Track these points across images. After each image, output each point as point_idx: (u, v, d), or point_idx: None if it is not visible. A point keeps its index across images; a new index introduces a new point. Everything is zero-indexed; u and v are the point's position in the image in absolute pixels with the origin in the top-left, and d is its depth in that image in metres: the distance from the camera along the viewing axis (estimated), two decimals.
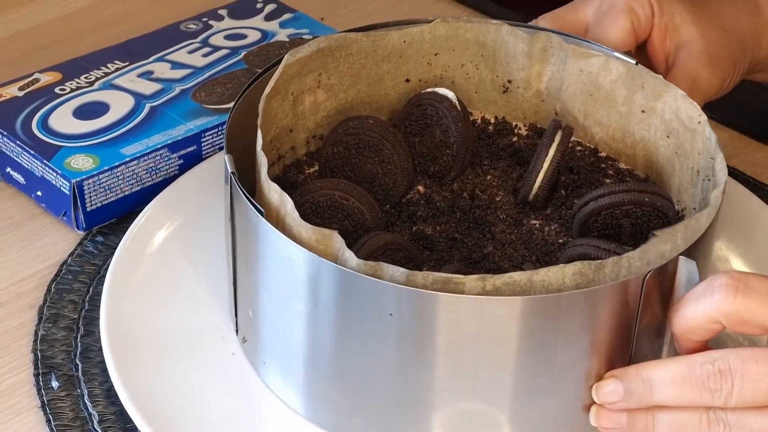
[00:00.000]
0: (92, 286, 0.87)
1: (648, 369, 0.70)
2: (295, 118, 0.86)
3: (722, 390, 0.67)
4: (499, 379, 0.71)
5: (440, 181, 0.86)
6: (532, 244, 0.81)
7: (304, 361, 0.74)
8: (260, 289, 0.75)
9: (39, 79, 1.00)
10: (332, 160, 0.84)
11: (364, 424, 0.74)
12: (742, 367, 0.67)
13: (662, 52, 0.92)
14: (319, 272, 0.70)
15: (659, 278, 0.70)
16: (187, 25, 1.08)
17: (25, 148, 0.92)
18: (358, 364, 0.72)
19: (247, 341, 0.79)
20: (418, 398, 0.72)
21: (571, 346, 0.70)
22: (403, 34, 0.88)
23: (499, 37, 0.89)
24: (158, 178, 0.94)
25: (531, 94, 0.90)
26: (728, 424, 0.68)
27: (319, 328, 0.72)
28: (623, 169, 0.88)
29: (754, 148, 1.03)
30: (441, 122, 0.85)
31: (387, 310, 0.69)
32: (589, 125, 0.89)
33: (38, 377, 0.80)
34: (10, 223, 0.93)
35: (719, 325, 0.69)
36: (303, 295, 0.71)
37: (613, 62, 0.85)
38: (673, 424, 0.70)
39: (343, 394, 0.74)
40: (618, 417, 0.71)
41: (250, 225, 0.73)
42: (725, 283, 0.68)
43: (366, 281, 0.68)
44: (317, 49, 0.84)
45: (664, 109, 0.83)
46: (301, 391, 0.76)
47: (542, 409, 0.72)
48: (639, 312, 0.70)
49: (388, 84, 0.89)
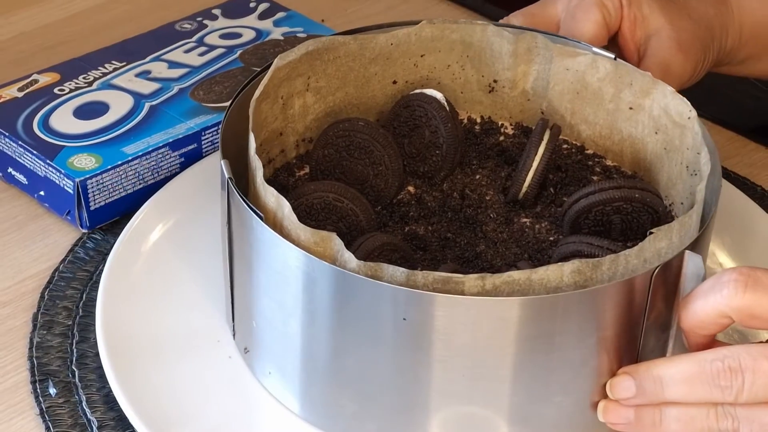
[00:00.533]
0: (85, 293, 0.86)
1: (658, 367, 0.69)
2: (285, 121, 0.85)
3: (733, 387, 0.67)
4: (501, 381, 0.69)
5: (430, 181, 0.85)
6: (523, 242, 0.80)
7: (306, 365, 0.73)
8: (262, 296, 0.73)
9: (38, 79, 0.99)
10: (323, 163, 0.83)
11: (368, 429, 0.73)
12: (753, 364, 0.66)
13: (633, 42, 0.91)
14: (321, 275, 0.69)
15: (666, 273, 0.69)
16: (182, 24, 1.07)
17: (27, 149, 0.91)
18: (361, 366, 0.71)
19: (249, 351, 0.77)
20: (419, 398, 0.70)
21: (579, 343, 0.69)
22: (390, 36, 0.87)
23: (485, 37, 0.88)
24: (160, 176, 0.93)
25: (517, 93, 0.89)
26: (736, 418, 0.67)
27: (321, 332, 0.71)
28: (610, 166, 0.87)
29: (751, 149, 1.02)
30: (430, 123, 0.84)
31: (388, 311, 0.68)
32: (576, 123, 0.88)
33: (35, 384, 0.79)
34: (12, 223, 0.93)
35: (728, 319, 0.68)
36: (304, 299, 0.70)
37: (601, 60, 0.84)
38: (681, 418, 0.69)
39: (348, 398, 0.72)
40: (626, 412, 0.70)
41: (249, 230, 0.72)
42: (734, 279, 0.67)
43: (366, 283, 0.67)
44: (306, 52, 0.83)
45: (653, 106, 0.82)
46: (306, 397, 0.75)
47: (549, 408, 0.71)
48: (647, 308, 0.69)
49: (375, 86, 0.88)
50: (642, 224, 0.77)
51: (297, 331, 0.72)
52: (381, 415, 0.72)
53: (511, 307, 0.67)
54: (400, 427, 0.72)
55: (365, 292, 0.68)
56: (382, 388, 0.71)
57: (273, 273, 0.72)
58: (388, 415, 0.72)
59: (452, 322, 0.67)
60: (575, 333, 0.69)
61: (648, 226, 0.76)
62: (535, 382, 0.70)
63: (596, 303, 0.68)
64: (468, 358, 0.69)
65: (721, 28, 0.93)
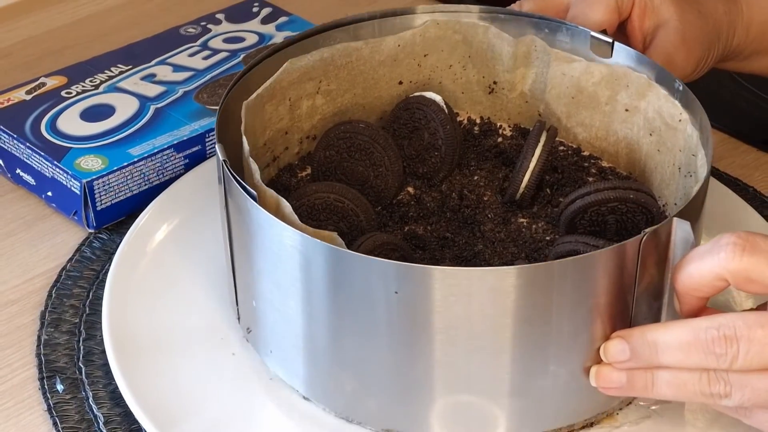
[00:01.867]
0: (92, 291, 0.85)
1: (653, 332, 0.67)
2: (291, 121, 0.84)
3: (727, 354, 0.65)
4: (498, 352, 0.68)
5: (429, 182, 0.85)
6: (520, 242, 0.79)
7: (306, 344, 0.72)
8: (259, 277, 0.72)
9: (45, 83, 0.99)
10: (325, 164, 0.83)
11: (370, 407, 0.72)
12: (748, 332, 0.65)
13: (641, 31, 0.89)
14: (316, 253, 0.68)
15: (655, 240, 0.68)
16: (187, 29, 1.07)
17: (35, 150, 0.91)
18: (358, 344, 0.69)
19: (251, 331, 0.77)
20: (417, 374, 0.69)
21: (573, 312, 0.68)
22: (397, 38, 0.86)
23: (486, 38, 0.87)
24: (165, 177, 0.92)
25: (515, 95, 0.89)
26: (729, 383, 0.66)
27: (318, 310, 0.70)
28: (606, 167, 0.86)
29: (743, 150, 1.01)
30: (429, 125, 0.84)
31: (380, 286, 0.66)
32: (572, 125, 0.87)
33: (43, 380, 0.78)
34: (21, 223, 0.92)
35: (725, 282, 0.66)
36: (300, 279, 0.69)
37: (595, 66, 0.84)
38: (673, 382, 0.67)
39: (348, 375, 0.71)
40: (618, 376, 0.69)
41: (245, 213, 0.71)
42: (733, 242, 0.66)
43: (359, 258, 0.66)
44: (320, 59, 0.83)
45: (647, 108, 0.81)
46: (307, 375, 0.74)
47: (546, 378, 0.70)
48: (637, 275, 0.68)
49: (383, 87, 0.88)
50: (636, 224, 0.77)
51: (295, 310, 0.71)
52: (381, 392, 0.71)
53: (505, 277, 0.65)
54: (401, 403, 0.71)
55: (358, 267, 0.67)
56: (381, 365, 0.70)
57: (269, 254, 0.70)
58: (388, 392, 0.71)
59: (445, 295, 0.66)
60: (569, 301, 0.67)
61: (642, 226, 0.75)
62: (531, 352, 0.68)
63: (588, 270, 0.67)
64: (464, 330, 0.67)
65: (729, 25, 0.91)
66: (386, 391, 0.71)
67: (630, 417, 0.74)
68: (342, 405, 0.73)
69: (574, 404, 0.72)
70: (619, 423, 0.74)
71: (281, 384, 0.76)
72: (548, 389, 0.70)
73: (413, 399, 0.70)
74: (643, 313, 0.70)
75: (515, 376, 0.69)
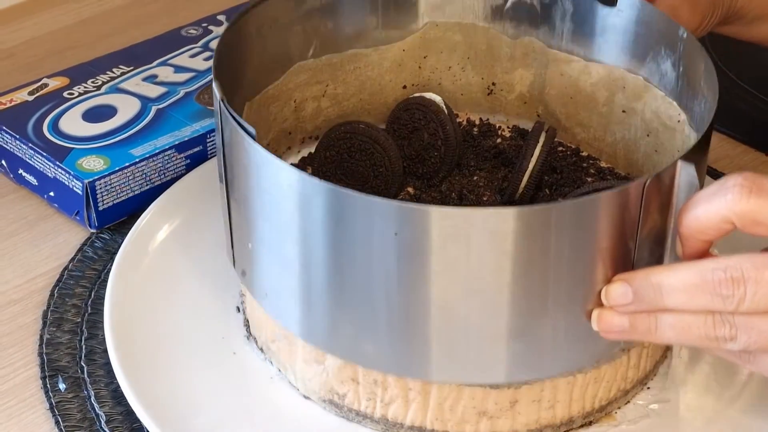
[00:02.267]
0: (94, 290, 0.85)
1: (656, 274, 0.65)
2: (295, 122, 0.84)
3: (734, 296, 0.63)
4: (498, 294, 0.66)
5: (429, 182, 0.84)
6: None
7: (303, 286, 0.70)
8: (257, 218, 0.70)
9: (47, 84, 0.98)
10: (325, 164, 0.83)
11: (368, 349, 0.70)
12: (756, 274, 0.63)
13: None
14: (314, 192, 0.65)
15: (659, 184, 0.65)
16: (188, 30, 1.06)
17: (37, 150, 0.91)
18: (356, 285, 0.67)
19: (246, 274, 0.75)
20: (415, 317, 0.67)
21: (574, 256, 0.65)
22: (402, 43, 0.86)
23: (486, 40, 0.87)
24: (166, 177, 0.92)
25: (514, 96, 0.88)
26: (734, 326, 0.64)
27: (316, 251, 0.67)
28: (604, 167, 0.86)
29: (741, 151, 1.01)
30: (429, 126, 0.84)
31: (380, 227, 0.64)
32: (571, 126, 0.87)
33: (45, 379, 0.78)
34: (23, 223, 0.92)
35: (731, 225, 0.64)
36: (298, 219, 0.67)
37: (593, 66, 0.83)
38: (677, 325, 0.65)
39: (346, 318, 0.69)
40: (620, 319, 0.67)
41: (242, 151, 0.69)
42: (740, 184, 0.64)
43: (358, 198, 0.64)
44: (328, 63, 0.83)
45: (644, 109, 0.81)
46: (304, 318, 0.71)
47: (546, 322, 0.67)
48: (640, 219, 0.66)
49: (388, 93, 0.88)
50: None
51: (293, 251, 0.69)
52: (378, 334, 0.69)
53: (504, 218, 0.63)
54: (399, 346, 0.69)
55: (357, 207, 0.65)
56: (379, 307, 0.67)
57: (266, 194, 0.68)
58: (385, 334, 0.68)
59: (444, 236, 0.64)
60: (569, 244, 0.65)
61: None
62: (530, 295, 0.66)
63: (589, 213, 0.64)
64: (462, 272, 0.65)
65: None
66: (384, 334, 0.68)
67: (628, 416, 0.74)
68: (339, 347, 0.71)
69: (575, 350, 0.69)
70: (617, 422, 0.74)
71: (281, 384, 0.76)
72: (548, 334, 0.68)
73: (411, 341, 0.68)
74: (645, 259, 0.68)
75: (514, 319, 0.67)
